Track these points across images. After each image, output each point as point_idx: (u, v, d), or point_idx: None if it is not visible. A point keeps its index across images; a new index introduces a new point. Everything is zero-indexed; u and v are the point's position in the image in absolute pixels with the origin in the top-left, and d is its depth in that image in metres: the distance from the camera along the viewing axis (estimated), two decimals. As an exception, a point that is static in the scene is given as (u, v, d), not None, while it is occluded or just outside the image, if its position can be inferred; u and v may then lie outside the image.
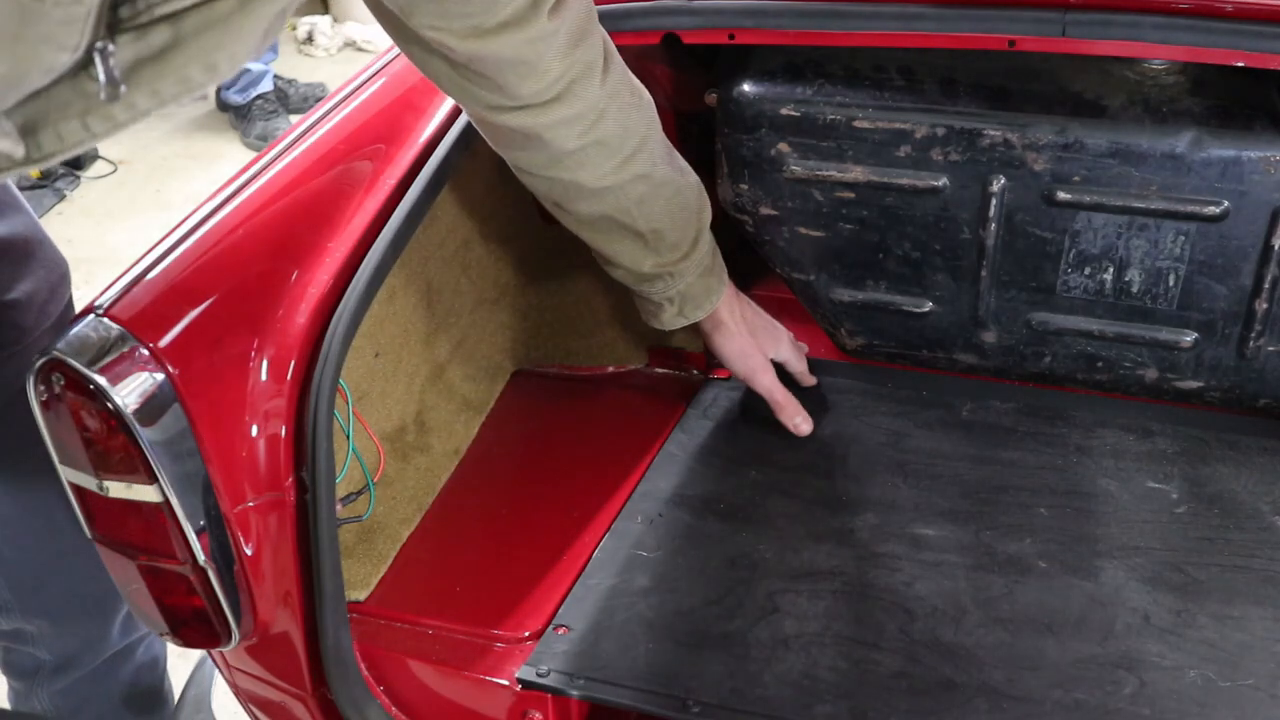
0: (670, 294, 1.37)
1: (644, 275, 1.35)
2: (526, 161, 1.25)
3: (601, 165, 1.23)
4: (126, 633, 1.54)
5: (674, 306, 1.39)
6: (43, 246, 1.38)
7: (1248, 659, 1.12)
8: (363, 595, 1.27)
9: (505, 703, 1.18)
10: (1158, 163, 1.30)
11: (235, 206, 1.19)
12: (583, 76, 1.16)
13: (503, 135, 1.22)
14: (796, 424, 1.46)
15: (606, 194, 1.26)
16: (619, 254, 1.34)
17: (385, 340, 1.37)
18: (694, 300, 1.38)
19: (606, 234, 1.31)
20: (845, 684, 1.11)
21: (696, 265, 1.36)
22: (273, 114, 4.23)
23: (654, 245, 1.32)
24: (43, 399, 1.06)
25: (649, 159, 1.27)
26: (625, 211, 1.28)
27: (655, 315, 1.41)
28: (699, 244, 1.35)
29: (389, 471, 1.37)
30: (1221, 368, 1.41)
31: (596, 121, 1.19)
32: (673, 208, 1.31)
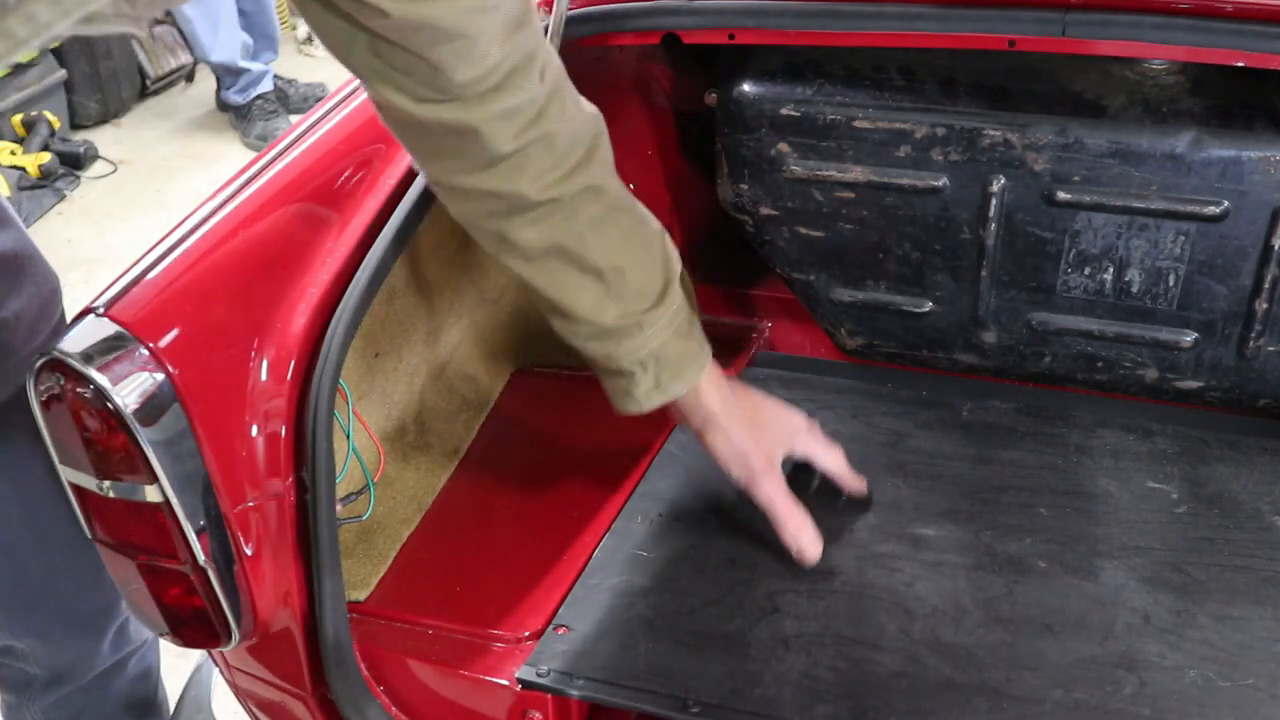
0: (641, 355, 1.17)
1: (607, 330, 1.16)
2: (461, 174, 1.10)
3: (544, 169, 1.09)
4: (118, 648, 1.54)
5: (648, 375, 1.18)
6: (33, 262, 1.33)
7: (1248, 659, 1.12)
8: (363, 595, 1.27)
9: (505, 703, 1.18)
10: (1158, 163, 1.30)
11: (235, 206, 1.19)
12: (522, 66, 1.04)
13: (434, 140, 1.08)
14: (801, 546, 1.22)
15: (554, 211, 1.11)
16: (576, 302, 1.15)
17: (385, 340, 1.37)
18: (671, 366, 1.19)
19: (560, 275, 1.14)
20: (845, 684, 1.11)
21: (669, 321, 1.18)
22: (273, 114, 4.23)
23: (615, 288, 1.15)
24: (43, 399, 1.06)
25: (600, 171, 1.13)
26: (578, 239, 1.12)
27: (628, 393, 1.20)
28: (669, 296, 1.18)
29: (389, 471, 1.37)
30: (1221, 368, 1.41)
31: (537, 118, 1.07)
32: (634, 244, 1.17)
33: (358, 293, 1.16)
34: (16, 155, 3.86)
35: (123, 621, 1.52)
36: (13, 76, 3.99)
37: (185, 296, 1.10)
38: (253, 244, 1.17)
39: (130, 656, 1.57)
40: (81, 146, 4.06)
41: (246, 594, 1.13)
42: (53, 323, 1.33)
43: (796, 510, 1.23)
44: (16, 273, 1.29)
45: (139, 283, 1.10)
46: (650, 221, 1.19)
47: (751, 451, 1.23)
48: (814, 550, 1.22)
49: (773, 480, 1.23)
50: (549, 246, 1.12)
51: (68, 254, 3.57)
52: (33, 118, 4.00)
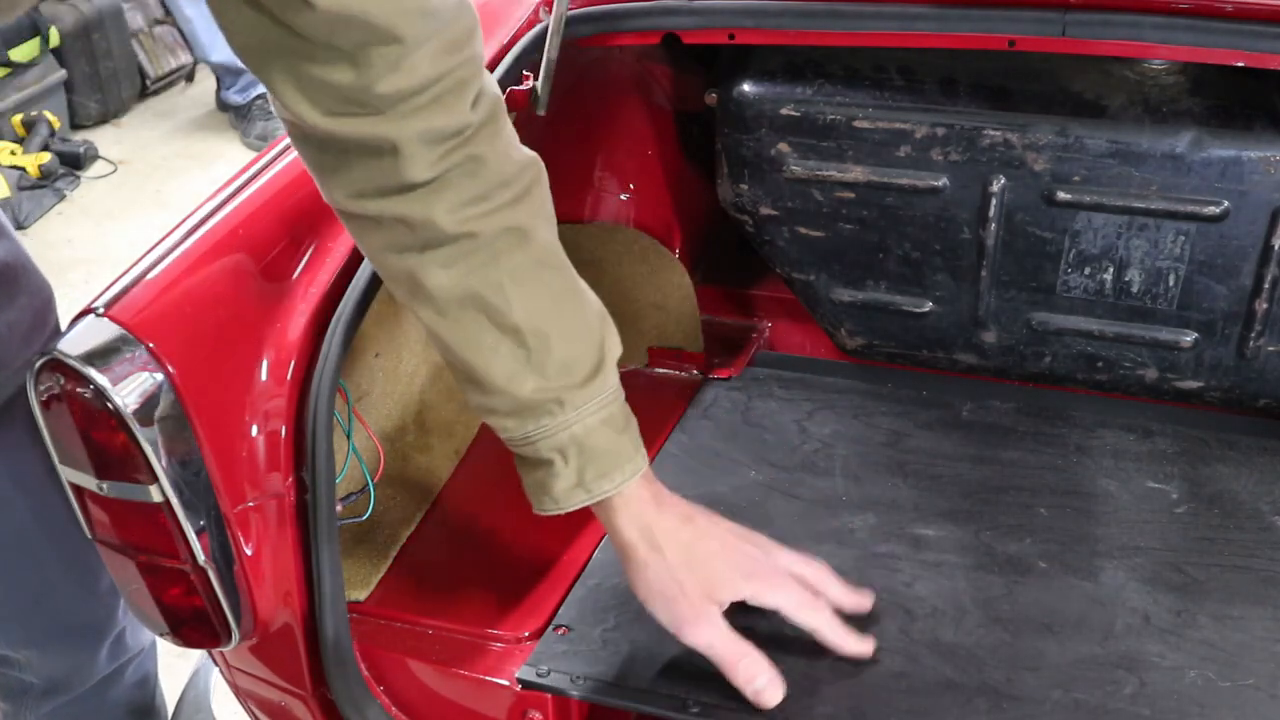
0: (561, 440, 1.01)
1: (523, 404, 1.01)
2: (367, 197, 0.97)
3: (463, 199, 0.96)
4: (115, 656, 1.54)
5: (569, 467, 1.02)
6: (26, 273, 1.30)
7: (1248, 659, 1.12)
8: (363, 595, 1.27)
9: (505, 703, 1.18)
10: (1158, 163, 1.30)
11: (235, 206, 1.19)
12: (455, 89, 0.94)
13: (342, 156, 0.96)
14: (756, 690, 1.05)
15: (472, 251, 0.97)
16: (490, 367, 1.00)
17: (385, 340, 1.37)
18: (596, 461, 1.02)
19: (475, 331, 1.00)
20: (845, 684, 1.11)
21: (599, 407, 1.02)
22: (272, 114, 4.22)
23: (537, 356, 1.00)
24: (43, 399, 1.06)
25: (528, 216, 0.99)
26: (497, 288, 0.98)
27: (544, 487, 1.04)
28: (601, 378, 1.02)
29: (389, 471, 1.37)
30: (1221, 368, 1.41)
31: (464, 142, 0.95)
32: (564, 310, 1.02)
33: (358, 293, 1.15)
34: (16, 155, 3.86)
35: (120, 631, 1.52)
36: (13, 76, 4.00)
37: (185, 296, 1.10)
38: (253, 244, 1.17)
39: (128, 664, 1.57)
40: (81, 146, 4.06)
41: (246, 594, 1.13)
42: (46, 333, 1.31)
43: (744, 650, 1.05)
44: (10, 283, 1.28)
45: (139, 283, 1.09)
46: (589, 294, 1.05)
47: (676, 595, 1.05)
48: (773, 693, 1.05)
49: (705, 627, 1.05)
50: (464, 295, 0.98)
51: (68, 254, 3.57)
52: (33, 118, 4.00)
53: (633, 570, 1.07)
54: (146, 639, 1.60)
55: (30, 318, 1.29)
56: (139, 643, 1.58)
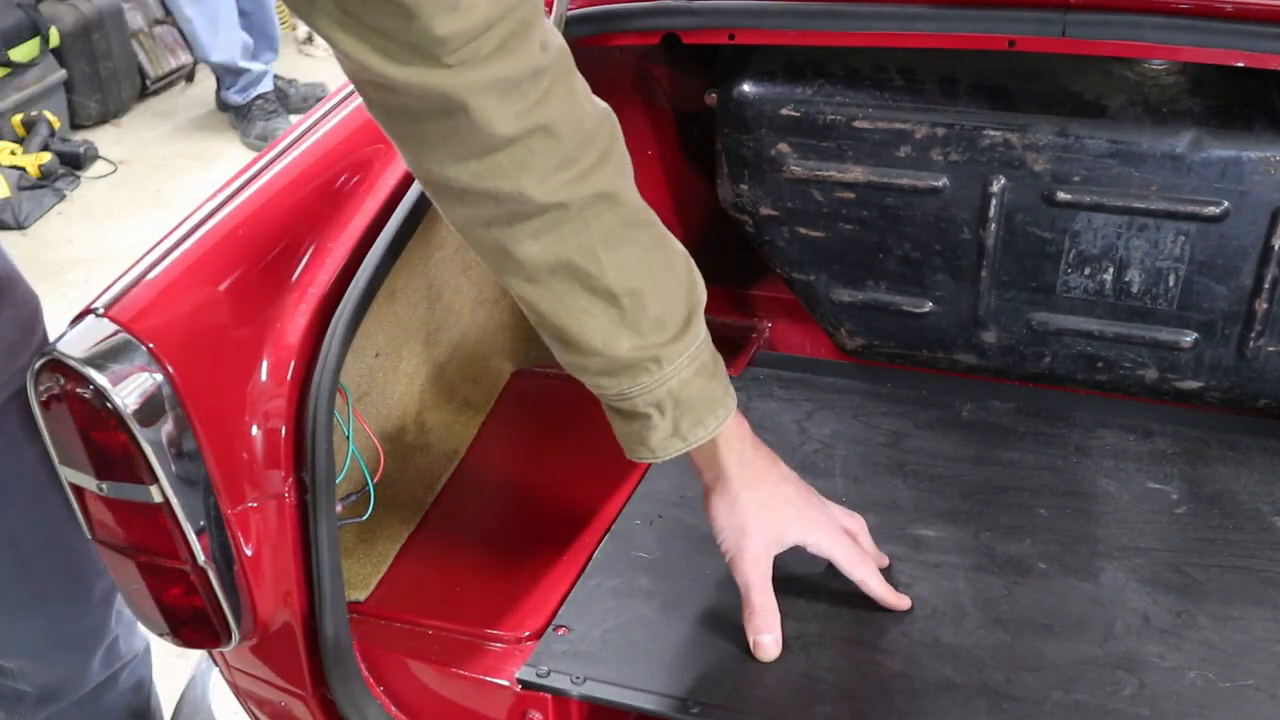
0: (658, 395, 1.02)
1: (621, 364, 1.01)
2: (452, 162, 0.93)
3: (550, 166, 0.93)
4: (109, 664, 1.54)
5: (665, 419, 1.04)
6: (12, 284, 1.27)
7: (1248, 660, 1.12)
8: (363, 595, 1.27)
9: (505, 703, 1.18)
10: (1158, 163, 1.30)
11: (235, 206, 1.19)
12: (518, 33, 0.89)
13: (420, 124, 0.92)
14: (758, 642, 1.11)
15: (562, 220, 0.95)
16: (585, 331, 0.99)
17: (385, 340, 1.37)
18: (693, 410, 1.04)
19: (568, 298, 0.99)
20: (845, 685, 1.11)
21: (691, 358, 1.03)
22: (273, 114, 4.23)
23: (631, 316, 0.99)
24: (42, 399, 1.06)
25: (615, 178, 0.98)
26: (589, 254, 0.97)
27: (642, 439, 1.06)
28: (692, 328, 1.03)
29: (389, 471, 1.37)
30: (1221, 368, 1.41)
31: (540, 100, 0.91)
32: (654, 265, 1.02)
33: (358, 293, 1.16)
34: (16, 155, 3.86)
35: (113, 638, 1.52)
36: (13, 76, 4.00)
37: (185, 296, 1.10)
38: (253, 244, 1.17)
39: (121, 670, 1.57)
40: (81, 146, 4.06)
41: (246, 594, 1.13)
42: (33, 345, 1.29)
43: (770, 605, 1.11)
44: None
45: (139, 283, 1.09)
46: (674, 242, 1.05)
47: (751, 531, 1.10)
48: (772, 650, 1.11)
49: (758, 568, 1.11)
50: (556, 263, 0.97)
51: (68, 254, 3.57)
52: (33, 118, 4.00)
53: (717, 498, 1.11)
54: (140, 645, 1.60)
55: (16, 331, 1.27)
56: (132, 649, 1.57)
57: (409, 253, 1.33)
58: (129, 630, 1.56)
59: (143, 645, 1.61)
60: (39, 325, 1.32)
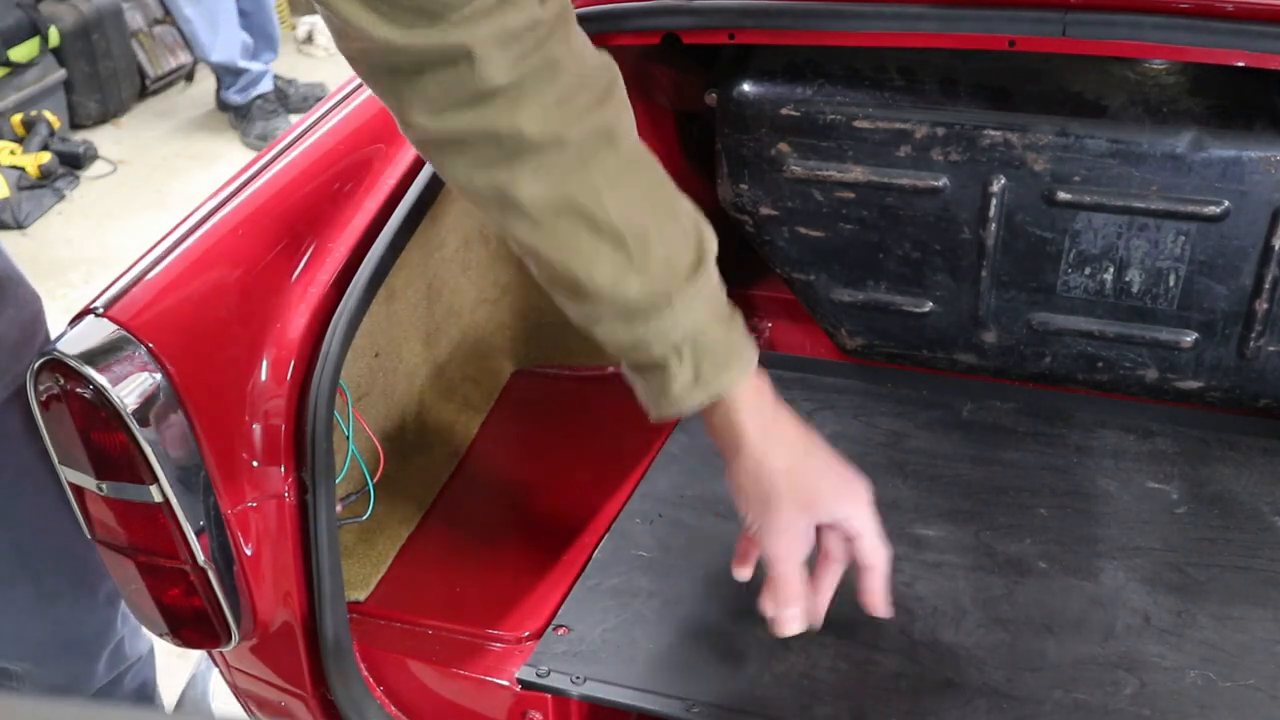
0: (675, 338, 0.98)
1: (632, 307, 0.97)
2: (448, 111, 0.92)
3: (546, 103, 0.91)
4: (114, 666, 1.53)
5: (685, 365, 0.99)
6: (14, 285, 1.27)
7: (1248, 659, 1.12)
8: (363, 595, 1.27)
9: (505, 703, 1.18)
10: (1158, 163, 1.30)
11: (235, 206, 1.19)
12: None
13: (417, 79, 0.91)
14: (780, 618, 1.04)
15: (560, 155, 0.93)
16: (593, 273, 0.96)
17: (385, 340, 1.37)
18: (712, 355, 0.99)
19: (573, 239, 0.96)
20: (845, 684, 1.11)
21: (705, 300, 0.99)
22: (273, 114, 4.23)
23: (638, 256, 0.96)
24: (42, 399, 1.06)
25: (614, 116, 0.96)
26: (592, 193, 0.94)
27: (663, 389, 1.00)
28: (702, 272, 0.99)
29: (389, 471, 1.37)
30: (1222, 368, 1.41)
31: (538, 45, 0.91)
32: (658, 208, 0.99)
33: (358, 293, 1.16)
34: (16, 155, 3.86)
35: (119, 640, 1.52)
36: (12, 76, 4.00)
37: (185, 296, 1.10)
38: (253, 244, 1.17)
39: (126, 673, 1.57)
40: (81, 146, 4.06)
41: (246, 594, 1.13)
42: (35, 346, 1.28)
43: (798, 580, 1.04)
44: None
45: (139, 283, 1.09)
46: (679, 193, 1.02)
47: (777, 500, 1.02)
48: (792, 626, 1.04)
49: (788, 540, 1.03)
50: (558, 202, 0.94)
51: (68, 254, 3.57)
52: (32, 118, 4.00)
53: (739, 464, 1.03)
54: (144, 646, 1.60)
55: (17, 332, 1.27)
56: (137, 651, 1.57)
57: (409, 253, 1.33)
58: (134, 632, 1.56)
59: (147, 647, 1.61)
60: (41, 327, 1.32)
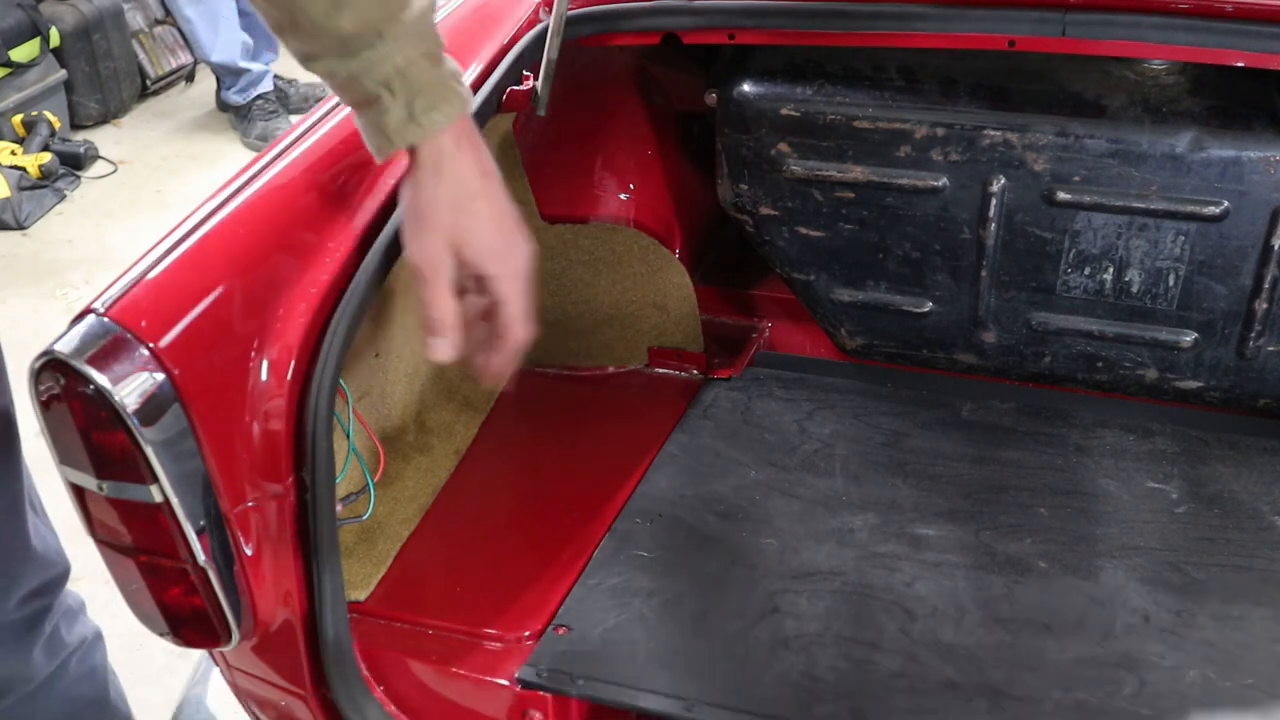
0: (386, 71, 1.03)
1: (344, 40, 1.02)
2: None
3: None
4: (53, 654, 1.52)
5: (397, 101, 1.04)
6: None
7: (1248, 659, 1.12)
8: (363, 595, 1.27)
9: (505, 702, 1.18)
10: (1158, 163, 1.30)
11: (235, 206, 1.19)
12: None
13: None
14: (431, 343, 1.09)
15: None
16: (310, 6, 1.00)
17: (385, 340, 1.37)
18: (424, 94, 1.04)
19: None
20: (845, 684, 1.11)
21: (415, 37, 1.04)
22: (273, 114, 4.23)
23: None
24: (43, 399, 1.06)
25: None
26: None
27: (380, 126, 1.06)
28: (411, 6, 1.03)
29: (389, 471, 1.37)
30: (1221, 368, 1.41)
31: None
32: None
33: (358, 293, 1.15)
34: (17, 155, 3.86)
35: (52, 629, 1.50)
36: (13, 76, 4.00)
37: (185, 297, 1.10)
38: (253, 244, 1.17)
39: (70, 659, 1.55)
40: (82, 146, 4.06)
41: (246, 594, 1.13)
42: None
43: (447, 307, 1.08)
44: None
45: (139, 283, 1.09)
46: None
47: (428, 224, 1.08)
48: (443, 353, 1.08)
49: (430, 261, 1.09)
50: None
51: (68, 254, 3.57)
52: (33, 118, 4.00)
53: (411, 178, 1.09)
54: (88, 631, 1.58)
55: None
56: (78, 636, 1.55)
57: (409, 253, 1.33)
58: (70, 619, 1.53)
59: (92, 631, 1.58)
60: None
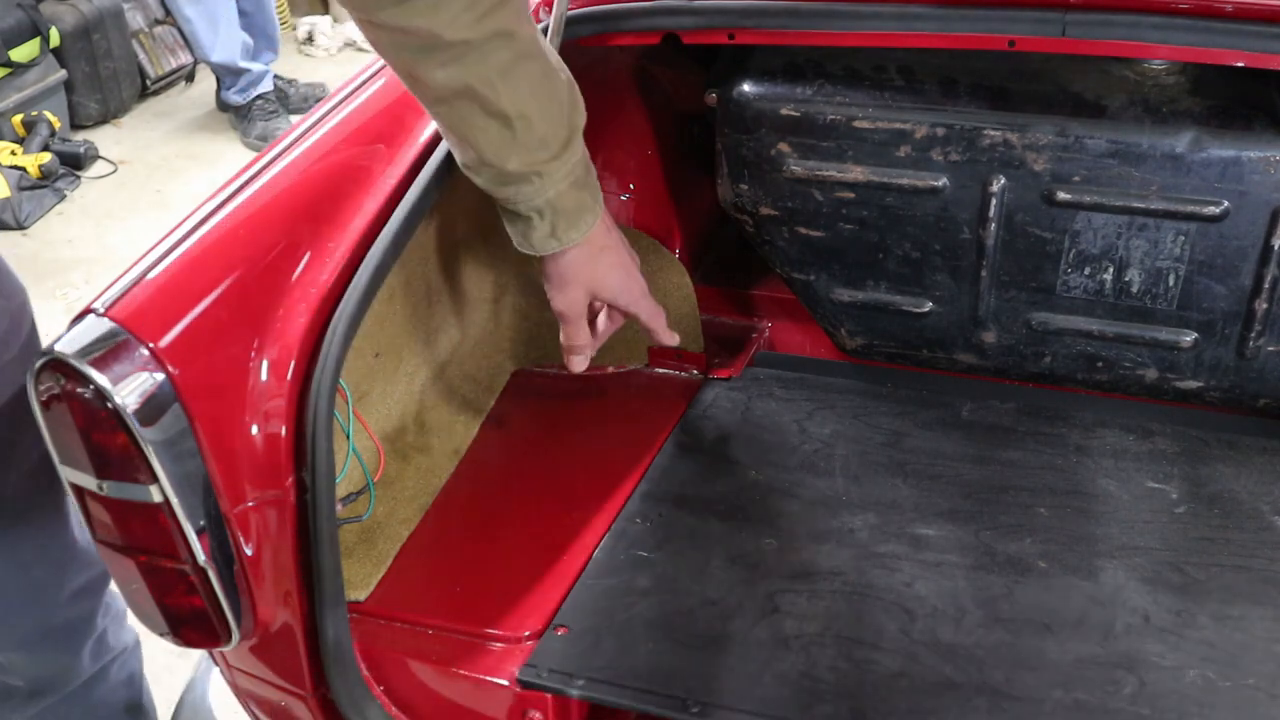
0: (539, 203, 1.23)
1: (509, 175, 1.21)
2: (378, 9, 1.10)
3: (459, 10, 1.09)
4: (98, 657, 1.54)
5: (544, 222, 1.25)
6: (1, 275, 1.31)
7: (1247, 659, 1.12)
8: (363, 595, 1.27)
9: (505, 703, 1.18)
10: (1158, 163, 1.30)
11: (235, 206, 1.19)
12: None
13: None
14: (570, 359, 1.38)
15: (466, 54, 1.11)
16: (483, 143, 1.18)
17: (385, 340, 1.37)
18: (566, 216, 1.25)
19: (468, 118, 1.17)
20: (845, 684, 1.11)
21: (568, 173, 1.23)
22: (273, 114, 4.23)
23: (521, 136, 1.17)
24: (43, 399, 1.06)
25: (514, 15, 1.13)
26: (487, 84, 1.14)
27: (525, 236, 1.27)
28: (571, 147, 1.22)
29: (389, 471, 1.37)
30: (1221, 368, 1.41)
31: None
32: (541, 93, 1.18)
33: (358, 293, 1.15)
34: (17, 155, 3.86)
35: (101, 632, 1.52)
36: (13, 76, 4.00)
37: (186, 296, 1.10)
38: (253, 244, 1.17)
39: (112, 664, 1.57)
40: (82, 146, 4.06)
41: (246, 594, 1.13)
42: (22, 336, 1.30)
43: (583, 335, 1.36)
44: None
45: (139, 283, 1.09)
46: (559, 72, 1.21)
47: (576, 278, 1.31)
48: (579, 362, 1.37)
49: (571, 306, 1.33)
50: (459, 89, 1.14)
51: (68, 254, 3.57)
52: (33, 118, 4.00)
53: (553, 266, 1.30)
54: (130, 638, 1.60)
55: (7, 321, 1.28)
56: (122, 642, 1.57)
57: (409, 253, 1.33)
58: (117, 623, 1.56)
59: (132, 639, 1.61)
60: (27, 316, 1.33)
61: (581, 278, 1.31)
